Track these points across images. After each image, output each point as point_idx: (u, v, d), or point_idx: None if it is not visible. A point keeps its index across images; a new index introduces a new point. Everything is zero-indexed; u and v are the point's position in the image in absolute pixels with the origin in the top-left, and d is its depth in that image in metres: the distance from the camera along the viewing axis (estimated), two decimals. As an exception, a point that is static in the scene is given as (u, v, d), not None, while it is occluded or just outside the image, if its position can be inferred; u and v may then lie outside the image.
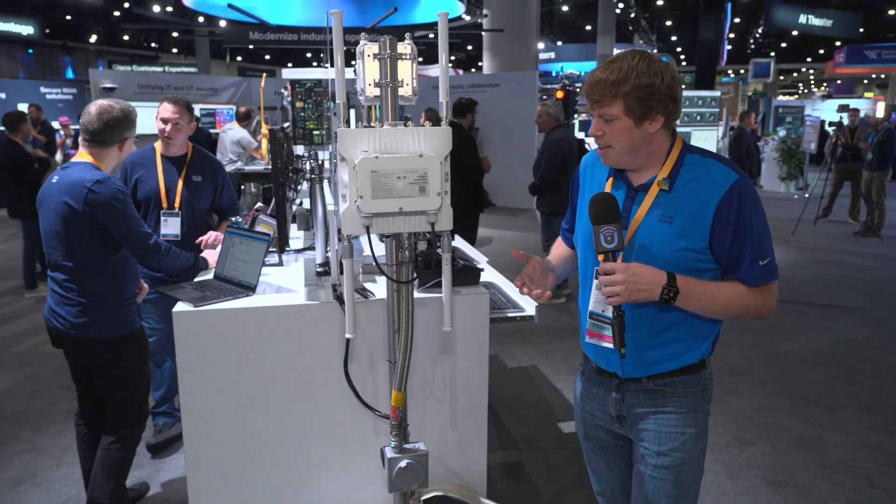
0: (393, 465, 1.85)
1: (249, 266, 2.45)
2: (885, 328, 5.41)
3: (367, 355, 2.31)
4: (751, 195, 1.55)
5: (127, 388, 2.64)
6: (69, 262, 2.47)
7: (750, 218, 1.53)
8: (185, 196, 3.28)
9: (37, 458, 3.33)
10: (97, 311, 2.50)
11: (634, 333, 1.62)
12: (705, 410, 1.72)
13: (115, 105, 2.57)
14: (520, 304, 2.68)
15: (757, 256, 1.55)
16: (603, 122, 1.57)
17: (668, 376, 1.66)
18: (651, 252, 1.57)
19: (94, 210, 2.41)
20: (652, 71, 1.51)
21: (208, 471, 2.31)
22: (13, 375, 4.38)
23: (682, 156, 1.61)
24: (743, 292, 1.57)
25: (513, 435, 3.61)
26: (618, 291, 1.51)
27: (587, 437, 1.89)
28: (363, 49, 1.77)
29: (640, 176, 1.64)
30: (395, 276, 1.81)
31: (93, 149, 2.56)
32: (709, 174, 1.56)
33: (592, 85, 1.55)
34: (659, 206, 1.58)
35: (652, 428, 1.69)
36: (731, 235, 1.53)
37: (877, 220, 9.20)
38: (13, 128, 6.24)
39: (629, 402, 1.71)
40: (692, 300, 1.54)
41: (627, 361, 1.66)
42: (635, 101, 1.52)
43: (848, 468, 3.26)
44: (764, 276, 1.57)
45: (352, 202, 1.65)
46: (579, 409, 1.90)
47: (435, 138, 1.68)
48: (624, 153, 1.59)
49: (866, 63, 23.11)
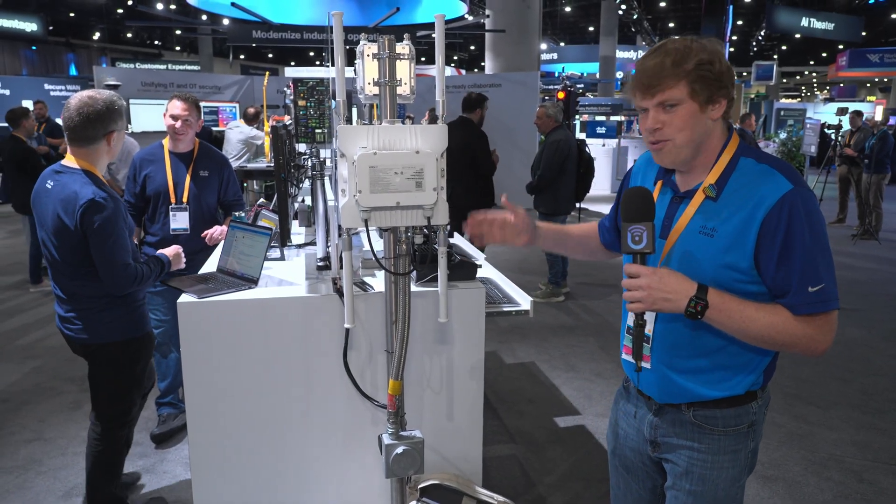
0: (390, 451, 1.92)
1: (252, 259, 2.51)
2: (879, 329, 5.47)
3: (365, 347, 2.37)
4: (806, 209, 1.34)
5: (120, 391, 2.62)
6: (71, 270, 2.44)
7: (801, 235, 1.33)
8: (193, 191, 3.35)
9: (43, 447, 3.40)
10: (109, 314, 2.49)
11: (672, 355, 1.50)
12: (749, 448, 1.54)
13: (97, 96, 2.39)
14: (515, 299, 2.74)
15: (807, 281, 1.34)
16: (662, 111, 1.40)
17: (708, 406, 1.50)
18: (691, 267, 1.41)
19: (85, 230, 2.36)
20: (710, 49, 1.38)
21: (211, 459, 2.37)
22: (19, 368, 4.45)
23: (736, 159, 1.43)
24: (787, 320, 1.36)
25: (509, 428, 3.68)
26: (640, 297, 1.37)
27: (615, 453, 1.78)
28: (363, 49, 1.83)
29: (687, 180, 1.49)
30: (393, 268, 1.87)
31: (79, 148, 2.42)
32: (760, 182, 1.38)
33: (646, 71, 1.39)
34: (702, 217, 1.42)
35: (684, 465, 1.54)
36: (777, 254, 1.34)
37: (874, 223, 9.25)
38: (16, 123, 6.32)
39: (665, 430, 1.58)
40: (725, 318, 1.36)
41: (663, 386, 1.53)
42: (700, 80, 1.36)
43: (837, 464, 3.32)
44: (814, 305, 1.35)
45: (351, 196, 1.71)
46: (613, 422, 1.78)
47: (432, 136, 1.75)
48: (685, 146, 1.42)
49: (869, 67, 23.17)
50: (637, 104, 1.46)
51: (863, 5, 21.30)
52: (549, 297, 6.15)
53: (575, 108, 11.73)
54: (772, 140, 15.26)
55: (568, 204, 6.16)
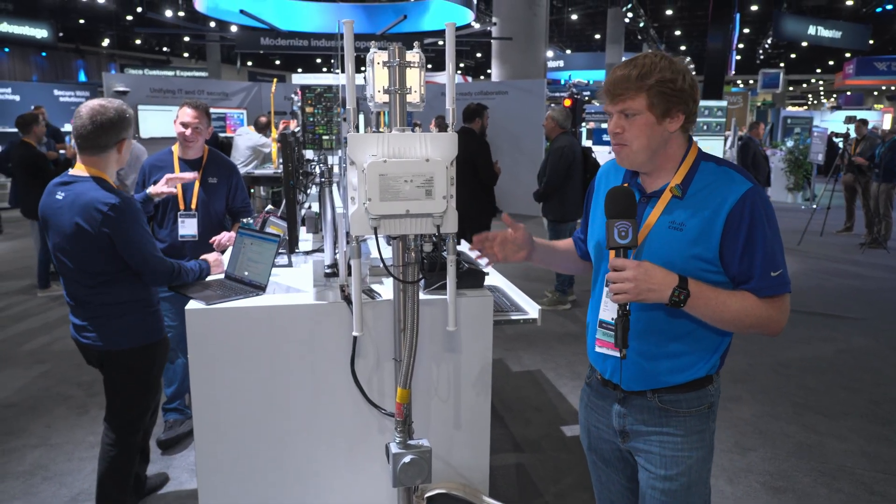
0: (397, 460, 1.91)
1: (260, 266, 2.51)
2: (887, 338, 5.43)
3: (373, 355, 2.37)
4: (764, 205, 1.52)
5: (136, 397, 2.62)
6: (89, 277, 2.43)
7: (762, 228, 1.50)
8: (202, 197, 3.36)
9: (49, 452, 3.40)
10: (125, 320, 2.49)
11: (643, 341, 1.61)
12: (711, 429, 1.68)
13: (108, 105, 2.41)
14: (523, 307, 2.74)
15: (769, 267, 1.51)
16: (623, 118, 1.55)
17: (673, 391, 1.63)
18: (661, 259, 1.54)
19: (112, 233, 2.35)
20: (674, 68, 1.52)
21: (218, 465, 2.37)
22: (27, 373, 4.46)
23: (697, 163, 1.59)
24: (754, 303, 1.52)
25: (516, 437, 3.66)
26: (626, 289, 1.47)
27: (591, 449, 1.87)
28: (373, 57, 1.84)
29: (653, 182, 1.63)
30: (402, 276, 1.87)
31: (91, 156, 2.43)
32: (722, 182, 1.54)
33: (614, 81, 1.54)
34: (670, 213, 1.57)
35: (657, 451, 1.66)
36: (742, 245, 1.51)
37: (884, 232, 9.20)
38: (26, 129, 6.36)
39: (633, 417, 1.68)
40: (702, 306, 1.50)
41: (633, 373, 1.63)
42: (658, 95, 1.51)
43: (847, 475, 3.29)
44: (776, 288, 1.53)
45: (360, 204, 1.71)
46: (584, 420, 1.87)
47: (441, 144, 1.75)
48: (641, 152, 1.57)
49: (876, 75, 23.09)
50: (605, 108, 1.61)
51: (870, 13, 21.28)
52: (555, 305, 6.14)
53: (581, 115, 11.72)
54: (778, 148, 15.19)
55: (576, 210, 6.14)
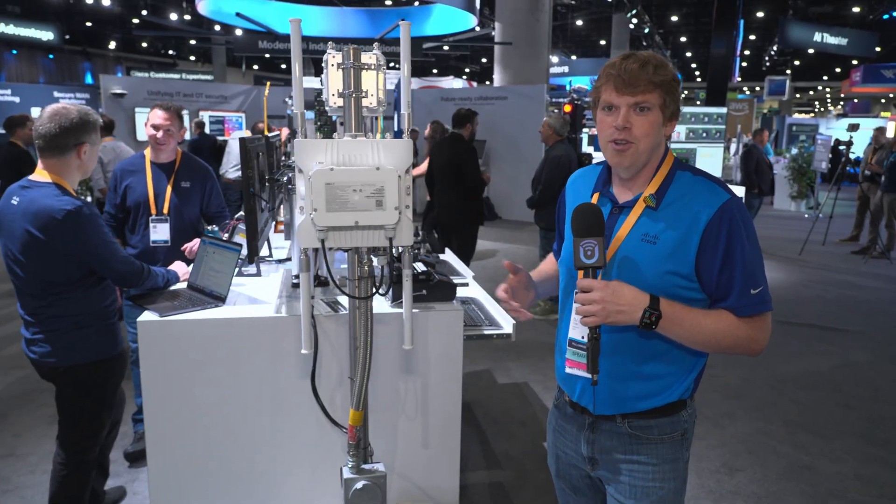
0: (349, 485, 1.81)
1: (221, 276, 2.41)
2: (886, 352, 5.28)
3: (336, 370, 2.26)
4: (742, 217, 1.42)
5: (88, 415, 2.51)
6: (41, 288, 2.33)
7: (741, 241, 1.40)
8: (174, 202, 3.27)
9: (14, 463, 3.30)
10: (78, 334, 2.39)
11: (613, 362, 1.49)
12: (685, 458, 1.57)
13: (72, 107, 2.37)
14: (498, 321, 2.63)
15: (749, 285, 1.41)
16: (634, 112, 1.42)
17: (644, 417, 1.52)
18: (633, 275, 1.43)
19: (66, 243, 2.27)
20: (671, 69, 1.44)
21: (171, 486, 2.27)
22: (3, 378, 4.37)
23: (673, 172, 1.49)
24: (732, 323, 1.42)
25: (497, 453, 3.54)
26: (594, 311, 1.37)
27: (559, 476, 1.74)
28: (327, 59, 1.74)
29: (626, 192, 1.52)
30: (356, 291, 1.76)
31: (50, 159, 2.35)
32: (698, 193, 1.44)
33: (629, 72, 1.40)
34: (643, 225, 1.46)
35: (626, 481, 1.55)
36: (720, 261, 1.40)
37: (886, 242, 9.06)
38: (12, 130, 6.34)
39: (602, 444, 1.57)
40: (676, 327, 1.40)
41: (602, 395, 1.52)
42: (669, 94, 1.43)
43: (838, 499, 3.16)
44: (756, 307, 1.42)
45: (307, 215, 1.61)
46: (552, 446, 1.75)
47: (394, 151, 1.65)
48: (645, 153, 1.45)
49: (883, 82, 22.88)
50: (608, 100, 1.45)
51: (877, 20, 21.07)
52: (547, 314, 6.02)
53: (582, 121, 11.61)
54: (782, 156, 15.03)
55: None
